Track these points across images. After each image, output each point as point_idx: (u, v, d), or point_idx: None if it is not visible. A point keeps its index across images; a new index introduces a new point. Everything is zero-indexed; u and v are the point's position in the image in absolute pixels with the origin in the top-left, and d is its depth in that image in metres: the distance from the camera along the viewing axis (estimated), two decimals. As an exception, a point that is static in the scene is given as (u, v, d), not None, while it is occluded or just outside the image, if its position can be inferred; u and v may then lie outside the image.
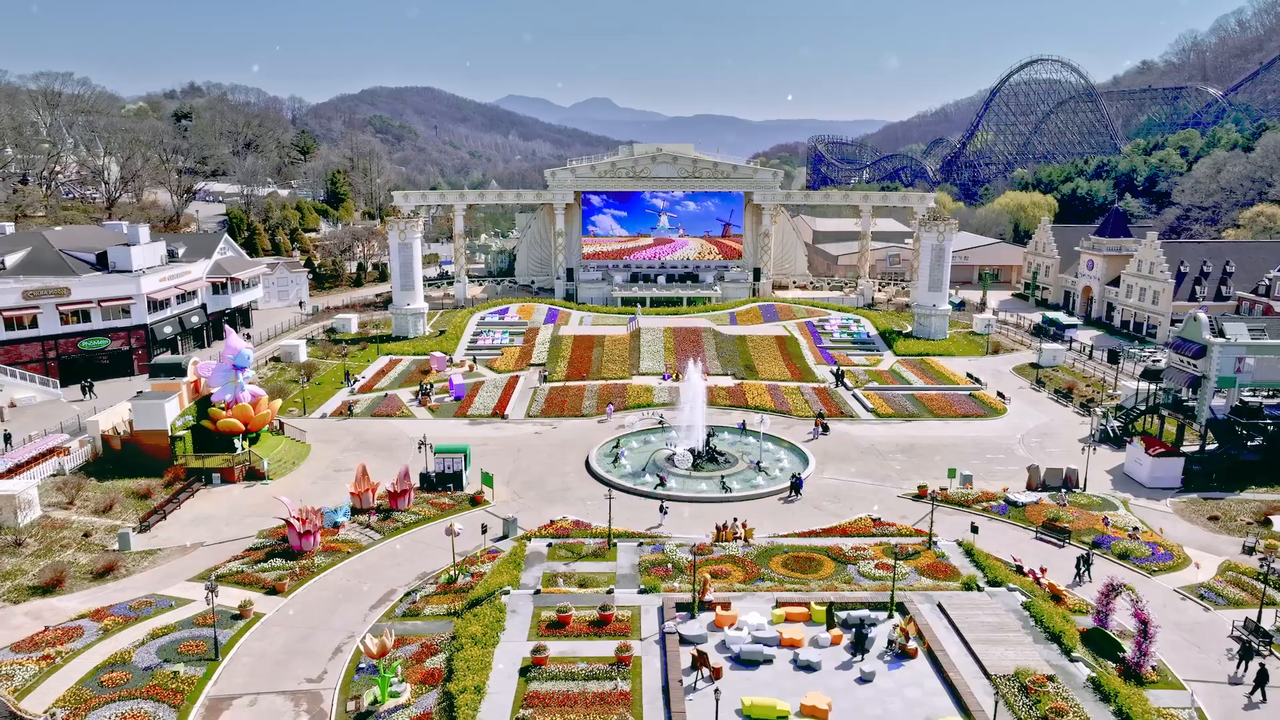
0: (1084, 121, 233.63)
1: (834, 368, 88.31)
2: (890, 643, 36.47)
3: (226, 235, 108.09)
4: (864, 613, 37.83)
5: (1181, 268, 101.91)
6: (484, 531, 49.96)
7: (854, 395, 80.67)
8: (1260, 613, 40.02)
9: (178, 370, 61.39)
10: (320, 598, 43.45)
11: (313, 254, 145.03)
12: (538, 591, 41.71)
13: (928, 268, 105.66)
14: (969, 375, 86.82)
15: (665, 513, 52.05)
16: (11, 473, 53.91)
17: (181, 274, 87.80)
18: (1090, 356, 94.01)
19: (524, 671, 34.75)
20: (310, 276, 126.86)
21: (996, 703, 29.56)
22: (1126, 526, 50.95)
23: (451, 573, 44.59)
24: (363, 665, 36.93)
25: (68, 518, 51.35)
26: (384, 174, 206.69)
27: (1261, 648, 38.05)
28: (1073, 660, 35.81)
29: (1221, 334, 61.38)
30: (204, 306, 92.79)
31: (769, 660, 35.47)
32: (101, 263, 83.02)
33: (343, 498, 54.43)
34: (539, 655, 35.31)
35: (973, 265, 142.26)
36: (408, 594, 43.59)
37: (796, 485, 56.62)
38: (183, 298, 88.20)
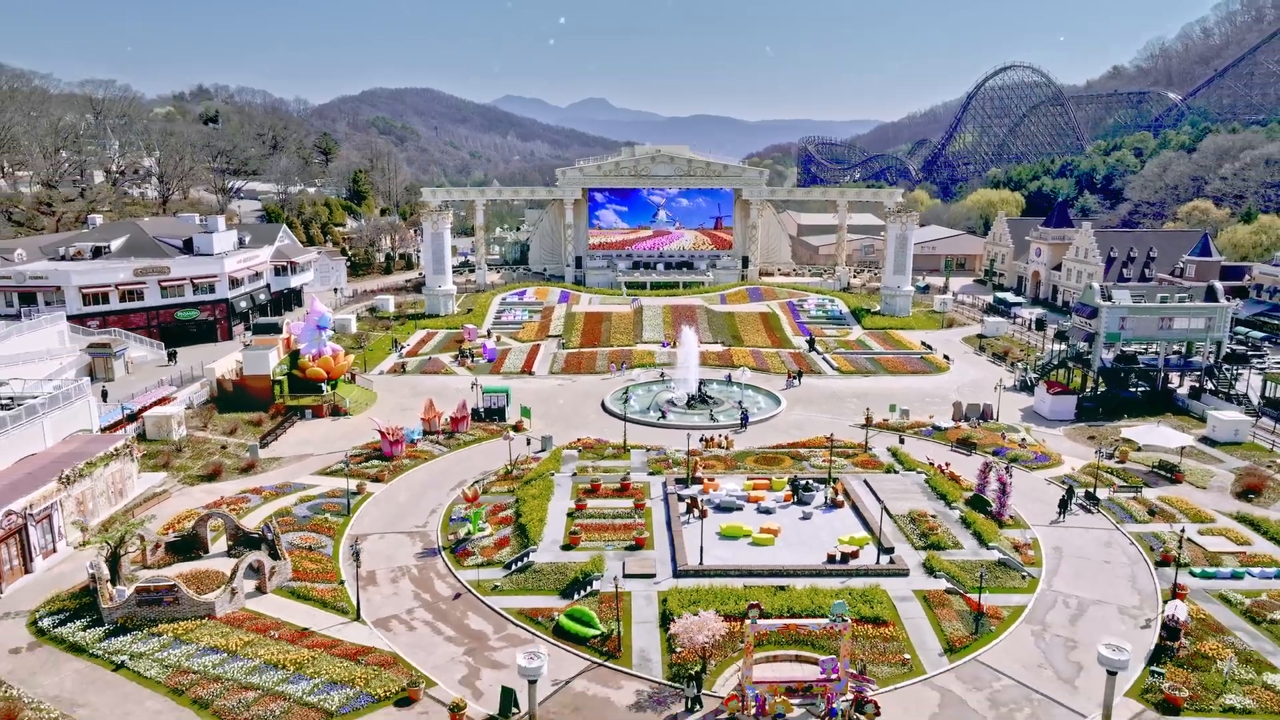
0: (1053, 124, 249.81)
1: (808, 337, 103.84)
2: (825, 499, 51.99)
3: (284, 226, 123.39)
4: (807, 479, 53.33)
5: (1111, 253, 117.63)
6: (528, 444, 65.38)
7: (823, 358, 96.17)
8: (1095, 487, 55.68)
9: (275, 329, 76.80)
10: (411, 484, 58.73)
11: (344, 246, 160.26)
12: (574, 474, 57.17)
13: (893, 254, 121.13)
14: (923, 343, 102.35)
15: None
16: (156, 404, 69.13)
17: (253, 257, 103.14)
18: (1029, 328, 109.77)
19: (570, 514, 50.15)
20: (347, 265, 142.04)
21: (881, 516, 45.01)
22: (1018, 440, 66.54)
23: (508, 467, 59.98)
24: (453, 517, 52.15)
25: (206, 436, 66.69)
26: (400, 174, 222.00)
27: (1091, 508, 53.65)
28: (952, 508, 51.33)
29: (1109, 298, 76.95)
30: (268, 286, 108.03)
31: (740, 508, 50.94)
32: (187, 248, 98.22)
33: (413, 426, 69.62)
34: (580, 504, 50.86)
35: (940, 255, 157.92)
36: (476, 481, 58.91)
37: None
38: (254, 277, 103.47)
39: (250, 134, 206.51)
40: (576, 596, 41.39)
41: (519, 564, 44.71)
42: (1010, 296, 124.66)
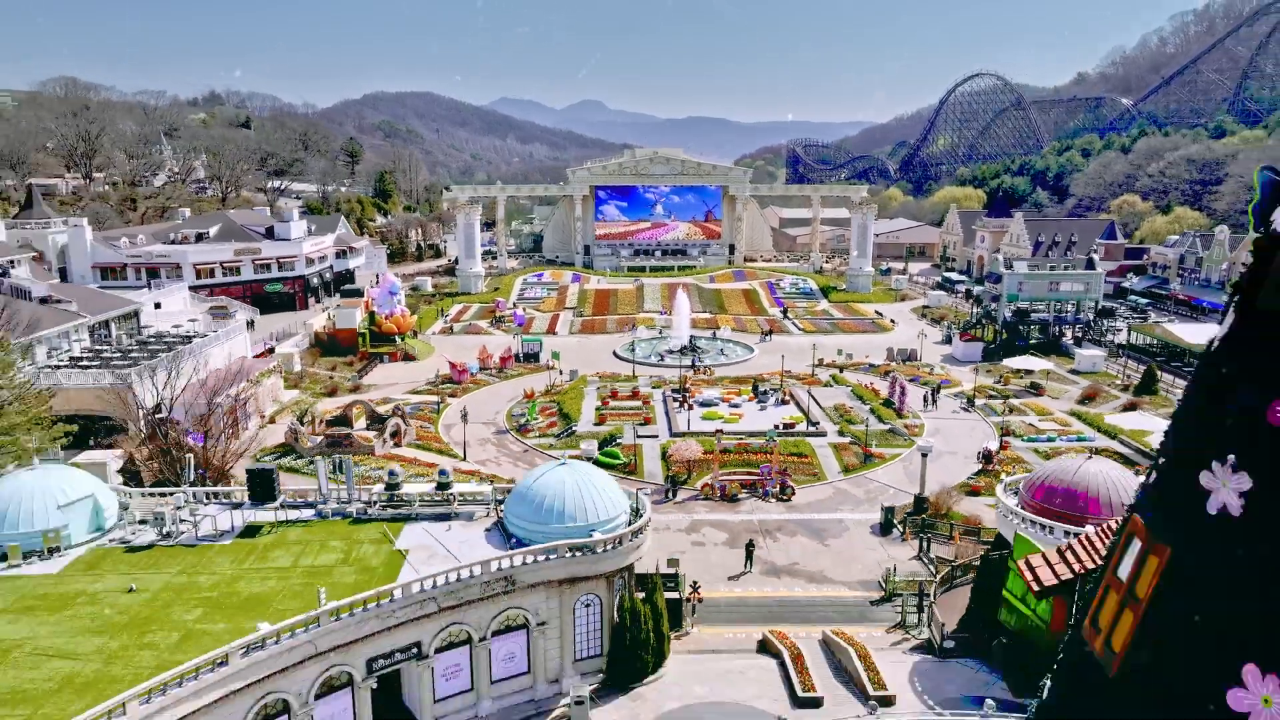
0: (1016, 127, 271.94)
1: (782, 308, 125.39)
2: (777, 398, 73.55)
3: (342, 217, 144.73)
4: (766, 386, 74.94)
5: (1039, 238, 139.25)
6: (560, 374, 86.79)
7: (792, 322, 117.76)
8: (975, 395, 77.25)
9: (358, 293, 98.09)
10: (478, 398, 79.93)
11: (379, 237, 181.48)
12: (597, 388, 78.66)
13: (856, 240, 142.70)
14: (876, 312, 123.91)
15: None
16: (267, 353, 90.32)
17: (321, 242, 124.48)
18: (964, 299, 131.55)
19: (598, 408, 71.65)
20: (387, 253, 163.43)
21: (809, 403, 66.49)
22: (928, 370, 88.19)
23: (549, 387, 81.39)
24: (514, 413, 73.49)
25: (316, 370, 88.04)
26: (420, 174, 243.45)
27: (969, 408, 75.16)
28: (866, 405, 72.89)
29: (1010, 267, 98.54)
30: (331, 266, 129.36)
31: (716, 404, 72.41)
32: (269, 234, 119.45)
33: (472, 364, 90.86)
34: (604, 402, 72.43)
35: (903, 243, 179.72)
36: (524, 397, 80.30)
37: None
38: (321, 259, 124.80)
39: (284, 139, 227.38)
40: (606, 447, 62.77)
41: (565, 433, 66.13)
42: (955, 276, 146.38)
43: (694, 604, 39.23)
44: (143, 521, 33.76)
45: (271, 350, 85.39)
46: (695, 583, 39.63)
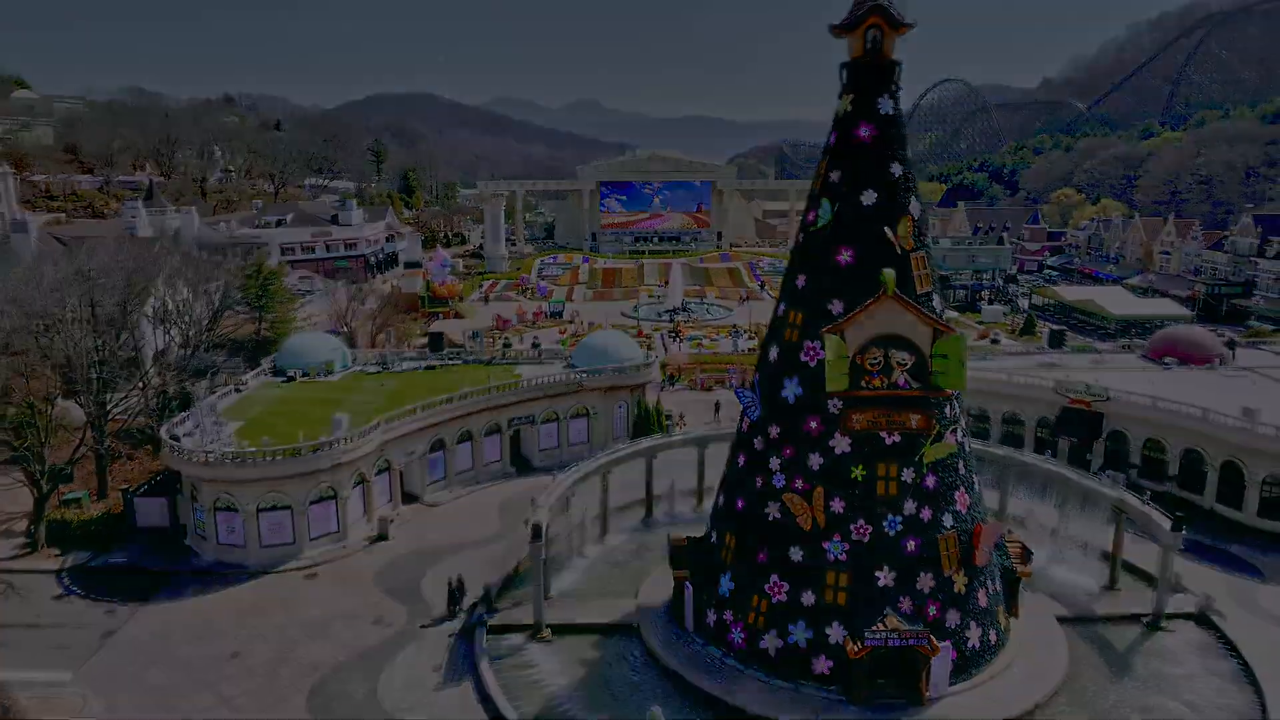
0: (983, 129, 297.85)
1: (760, 282, 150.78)
2: (746, 335, 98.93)
3: (389, 208, 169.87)
4: (739, 329, 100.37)
5: (977, 224, 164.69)
6: (581, 325, 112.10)
7: (767, 293, 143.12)
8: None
9: (418, 265, 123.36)
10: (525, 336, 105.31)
11: (410, 228, 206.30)
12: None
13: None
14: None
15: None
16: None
17: (375, 229, 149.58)
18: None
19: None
20: (420, 240, 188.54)
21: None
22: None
23: (573, 332, 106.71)
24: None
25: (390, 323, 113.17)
26: (439, 172, 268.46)
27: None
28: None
29: (937, 242, 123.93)
30: (382, 249, 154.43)
31: (699, 339, 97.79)
32: (334, 221, 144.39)
33: (512, 317, 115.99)
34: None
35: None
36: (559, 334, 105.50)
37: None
38: (375, 242, 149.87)
39: (317, 141, 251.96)
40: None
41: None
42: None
43: (681, 429, 64.48)
44: (365, 364, 59.26)
45: (363, 303, 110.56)
46: (681, 414, 65.02)
